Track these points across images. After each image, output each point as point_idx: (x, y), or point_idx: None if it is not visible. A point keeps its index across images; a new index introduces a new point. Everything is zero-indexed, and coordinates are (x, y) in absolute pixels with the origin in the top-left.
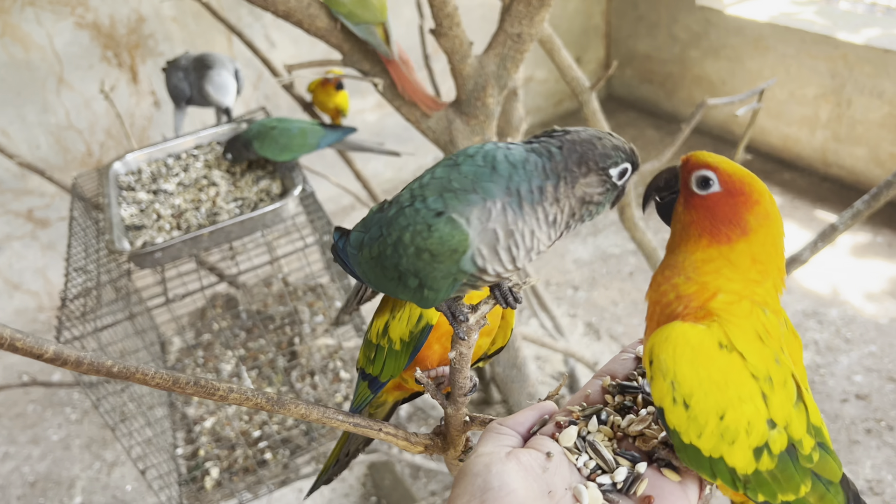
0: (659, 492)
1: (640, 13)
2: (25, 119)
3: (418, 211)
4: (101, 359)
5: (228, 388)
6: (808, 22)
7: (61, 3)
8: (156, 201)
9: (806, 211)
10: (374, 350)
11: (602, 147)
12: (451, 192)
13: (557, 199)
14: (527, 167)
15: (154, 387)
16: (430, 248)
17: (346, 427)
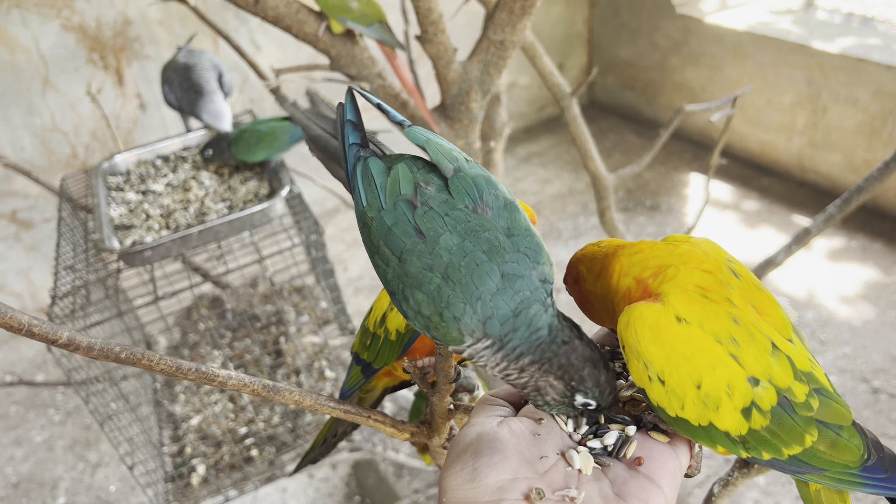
0: (648, 453)
1: (623, 20)
2: (10, 121)
3: (441, 293)
4: (110, 345)
5: (227, 375)
6: (785, 31)
7: (47, 6)
8: (144, 201)
9: (783, 216)
10: (371, 338)
11: (587, 375)
12: (477, 297)
13: (522, 370)
14: (532, 333)
15: (159, 372)
16: (432, 327)
17: (336, 414)
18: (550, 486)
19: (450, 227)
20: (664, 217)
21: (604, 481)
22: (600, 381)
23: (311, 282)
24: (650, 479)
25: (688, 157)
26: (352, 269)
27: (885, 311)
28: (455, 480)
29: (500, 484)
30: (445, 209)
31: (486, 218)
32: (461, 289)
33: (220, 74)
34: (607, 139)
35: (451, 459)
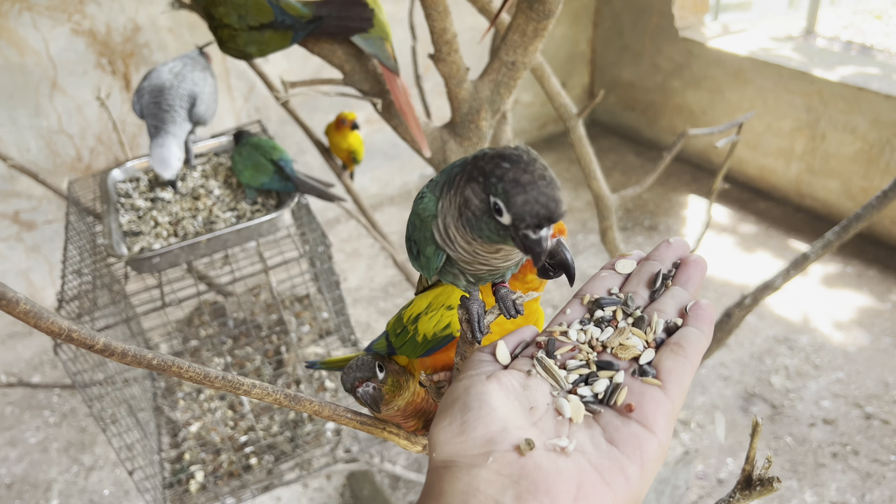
0: (639, 399)
1: (626, 42)
2: (17, 122)
3: (421, 194)
4: (142, 352)
5: (252, 384)
6: (785, 58)
7: (59, 10)
8: (153, 209)
9: (780, 240)
10: (402, 328)
11: (497, 167)
12: (434, 181)
13: (457, 189)
14: (452, 168)
15: (188, 380)
16: (416, 211)
17: (353, 425)
18: (542, 436)
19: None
20: (662, 237)
21: (595, 429)
22: (506, 174)
23: (314, 291)
24: (642, 424)
25: (687, 178)
26: (351, 279)
27: (878, 338)
28: (444, 434)
29: (489, 436)
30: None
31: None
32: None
33: (192, 104)
34: (607, 158)
35: (440, 414)
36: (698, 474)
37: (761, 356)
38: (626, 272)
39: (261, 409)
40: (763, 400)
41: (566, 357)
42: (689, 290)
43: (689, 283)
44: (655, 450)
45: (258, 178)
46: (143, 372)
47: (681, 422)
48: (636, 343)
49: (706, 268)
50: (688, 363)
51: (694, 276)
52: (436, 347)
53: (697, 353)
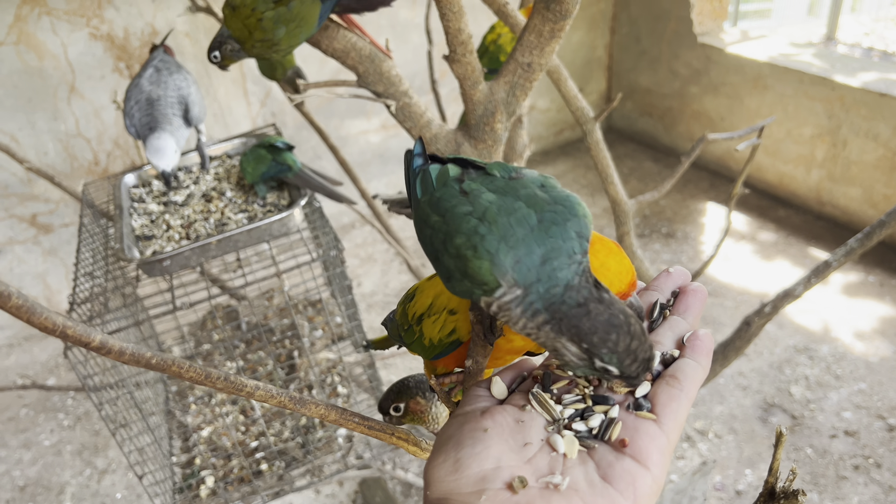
0: (634, 433)
1: (643, 48)
2: (35, 126)
3: (477, 230)
4: (141, 350)
5: (255, 386)
6: (806, 63)
7: (77, 14)
8: (166, 212)
9: (800, 248)
10: (408, 326)
11: (599, 340)
12: (511, 234)
13: (539, 328)
14: (549, 287)
15: (188, 380)
16: (468, 269)
17: (361, 430)
18: (535, 472)
19: (490, 190)
20: (679, 244)
21: (589, 465)
22: (618, 347)
23: (327, 296)
24: (636, 459)
25: (705, 185)
26: (365, 284)
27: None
28: (438, 472)
29: (482, 474)
30: (487, 181)
31: (521, 180)
32: (497, 227)
33: (185, 108)
34: (624, 165)
35: (434, 451)
36: (716, 485)
37: (781, 366)
38: None
39: (272, 414)
40: (783, 410)
41: (562, 391)
42: (687, 320)
43: (688, 313)
44: (649, 485)
45: (259, 168)
46: (155, 375)
47: (698, 432)
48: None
49: (705, 297)
50: (683, 396)
51: (692, 305)
52: (445, 352)
53: (693, 385)
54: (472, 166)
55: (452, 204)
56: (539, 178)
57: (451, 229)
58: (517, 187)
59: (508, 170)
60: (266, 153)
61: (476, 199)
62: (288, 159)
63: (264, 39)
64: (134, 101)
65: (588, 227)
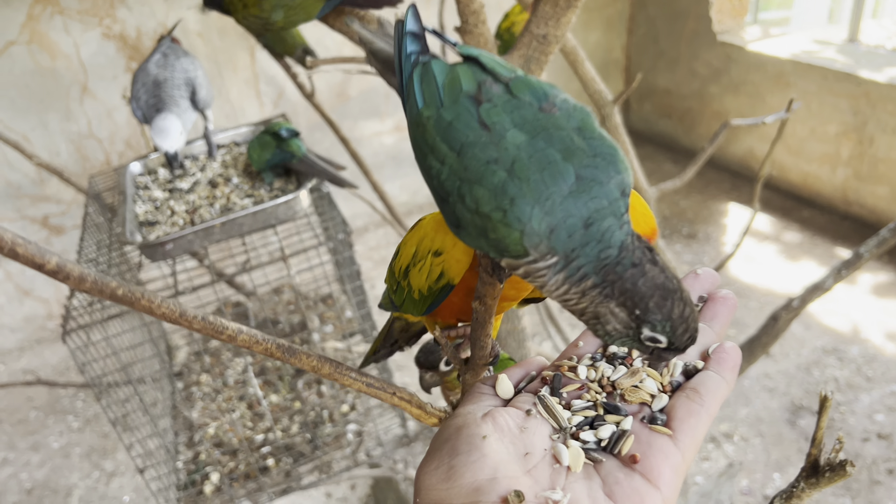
0: (646, 449)
1: (661, 48)
2: (47, 126)
3: (505, 189)
4: (104, 278)
5: (238, 329)
6: (829, 60)
7: (90, 14)
8: (171, 199)
9: (826, 248)
10: (396, 284)
11: (655, 305)
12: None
13: (584, 294)
14: (602, 250)
15: (159, 317)
16: (490, 229)
17: (358, 387)
18: (535, 485)
19: (517, 125)
20: (701, 245)
21: (595, 480)
22: (672, 314)
23: (337, 290)
24: (646, 478)
25: (726, 186)
26: (378, 286)
27: None
28: (430, 479)
29: (476, 485)
30: (511, 107)
31: (555, 117)
32: (529, 186)
33: (192, 91)
34: (644, 167)
35: (428, 456)
36: (742, 490)
37: (809, 367)
38: None
39: (280, 409)
40: (811, 413)
41: (572, 396)
42: (714, 329)
43: (715, 322)
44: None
45: (264, 155)
46: (161, 372)
47: (723, 434)
48: (650, 386)
49: (735, 306)
50: (703, 412)
51: (721, 313)
52: (437, 301)
53: (715, 401)
54: (489, 73)
55: (470, 140)
56: (575, 114)
57: (470, 177)
58: (550, 128)
59: (538, 93)
60: (271, 140)
61: (501, 140)
62: (292, 146)
63: (259, 17)
64: (140, 84)
65: (630, 183)
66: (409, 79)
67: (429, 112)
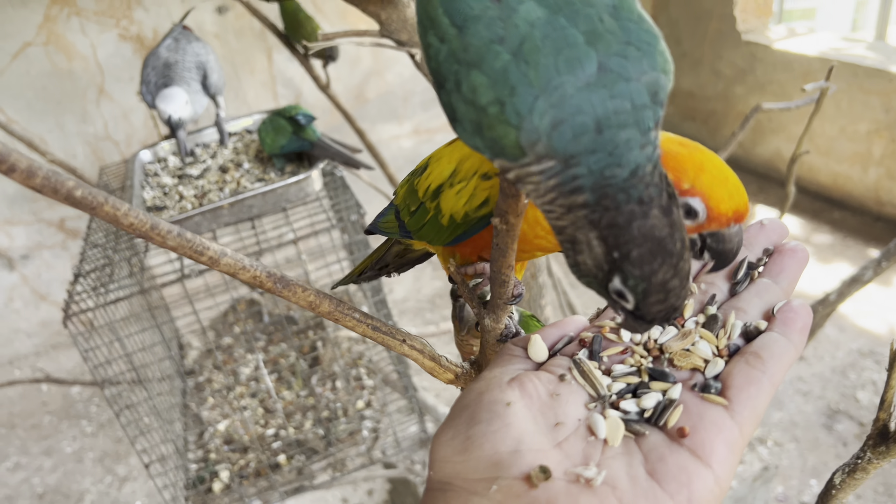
0: (697, 421)
1: (684, 50)
2: (64, 128)
3: (507, 75)
4: (58, 176)
5: (221, 251)
6: (859, 56)
7: (107, 15)
8: (180, 184)
9: (858, 250)
10: (418, 206)
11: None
12: (556, 87)
13: (569, 210)
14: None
15: (127, 228)
16: (485, 126)
17: (362, 330)
18: (564, 461)
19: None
20: None
21: (635, 456)
22: (654, 276)
23: (354, 288)
24: (695, 454)
25: (753, 188)
26: (397, 291)
27: None
28: (444, 450)
29: (496, 458)
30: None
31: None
32: (537, 73)
33: (204, 75)
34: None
35: (445, 424)
36: (778, 496)
37: (844, 370)
38: None
39: (293, 406)
40: (849, 417)
41: (614, 360)
42: (780, 286)
43: (782, 277)
44: (709, 488)
45: (278, 140)
46: (171, 369)
47: (756, 439)
48: (704, 350)
49: (807, 260)
50: (765, 380)
51: (789, 268)
52: (469, 233)
53: (780, 367)
54: None
55: (475, 13)
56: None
57: (469, 58)
58: (577, 2)
59: None
60: (286, 125)
61: (512, 15)
62: (309, 133)
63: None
64: (151, 68)
65: (667, 87)
66: None
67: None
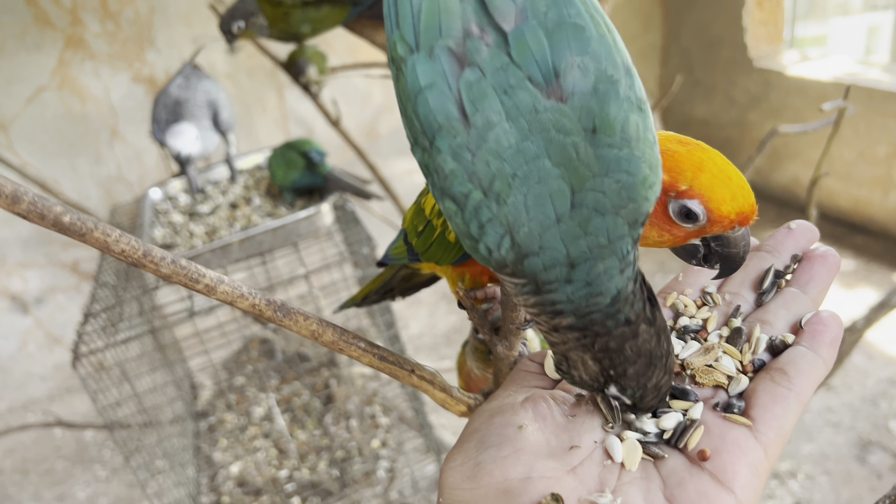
0: (719, 443)
1: (697, 78)
2: (77, 170)
3: (478, 213)
4: (45, 201)
5: (218, 279)
6: (874, 80)
7: (120, 58)
8: (190, 222)
9: (883, 275)
10: (425, 224)
11: (633, 373)
12: (522, 225)
13: (555, 329)
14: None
15: (118, 256)
16: (460, 238)
17: (369, 361)
18: (578, 487)
19: (509, 115)
20: None
21: (654, 481)
22: (648, 382)
23: (367, 324)
24: (717, 479)
25: (772, 215)
26: (412, 326)
27: None
28: (453, 476)
29: (506, 485)
30: (504, 82)
31: (562, 109)
32: (505, 212)
33: (215, 112)
34: None
35: (455, 448)
36: None
37: (875, 400)
38: None
39: (308, 447)
40: (882, 448)
41: None
42: (809, 296)
43: (811, 286)
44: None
45: (290, 174)
46: (183, 410)
47: (787, 472)
48: (727, 366)
49: (838, 266)
50: (791, 397)
51: (818, 275)
52: None
53: (808, 384)
54: (484, 7)
55: (443, 130)
56: (594, 103)
57: (442, 183)
58: (550, 127)
59: (545, 64)
60: (298, 159)
61: (482, 143)
62: (321, 169)
63: (286, 30)
64: (162, 106)
65: (649, 208)
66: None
67: (401, 50)
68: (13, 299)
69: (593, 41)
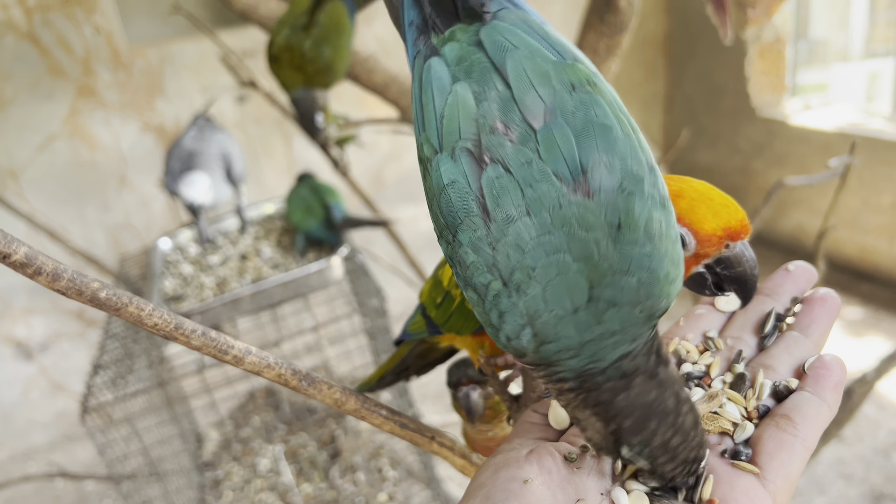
0: (727, 491)
1: (701, 125)
2: (85, 217)
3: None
4: (82, 277)
5: (246, 349)
6: (877, 130)
7: (130, 107)
8: (200, 273)
9: (891, 323)
10: (443, 296)
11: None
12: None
13: (560, 393)
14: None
15: (150, 329)
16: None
17: (390, 428)
18: None
19: (531, 209)
20: None
21: None
22: (653, 440)
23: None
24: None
25: (777, 263)
26: None
27: None
28: None
29: None
30: (529, 177)
31: (588, 206)
32: (526, 304)
33: (227, 164)
34: None
35: (462, 502)
36: None
37: (887, 451)
38: (730, 310)
39: (314, 500)
40: (894, 500)
41: None
42: (811, 338)
43: (812, 329)
44: None
45: (308, 220)
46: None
47: None
48: (732, 412)
49: (838, 309)
50: (797, 444)
51: (819, 318)
52: None
53: (813, 429)
54: (514, 100)
55: (465, 225)
56: (620, 201)
57: (465, 273)
58: (574, 223)
59: (573, 161)
60: (319, 209)
61: (502, 237)
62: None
63: (318, 68)
64: (175, 159)
65: (668, 305)
66: (413, 73)
67: (427, 151)
68: (18, 346)
69: (619, 141)
